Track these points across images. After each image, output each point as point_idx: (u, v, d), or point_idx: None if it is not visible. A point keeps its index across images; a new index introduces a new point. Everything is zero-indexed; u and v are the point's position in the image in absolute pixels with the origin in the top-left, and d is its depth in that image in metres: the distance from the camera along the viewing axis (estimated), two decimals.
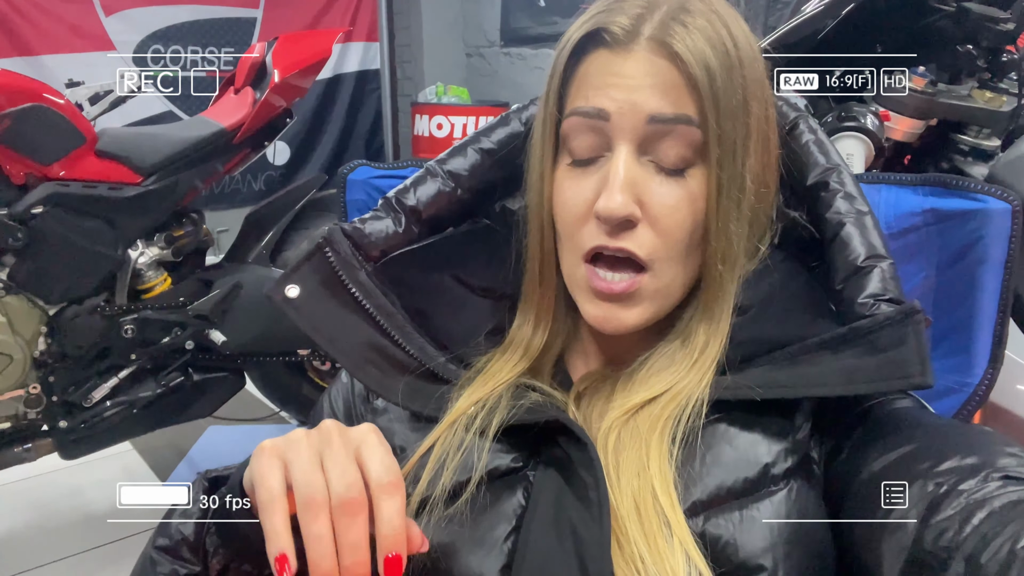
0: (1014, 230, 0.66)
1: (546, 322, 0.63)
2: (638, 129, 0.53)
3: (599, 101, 0.54)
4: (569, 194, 0.57)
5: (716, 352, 0.56)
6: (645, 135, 0.53)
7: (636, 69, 0.53)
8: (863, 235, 0.58)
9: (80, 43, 3.42)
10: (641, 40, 0.53)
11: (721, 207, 0.55)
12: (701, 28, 0.53)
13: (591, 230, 0.56)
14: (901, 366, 0.51)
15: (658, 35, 0.53)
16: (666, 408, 0.55)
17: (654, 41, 0.53)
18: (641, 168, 0.54)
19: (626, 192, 0.53)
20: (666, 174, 0.54)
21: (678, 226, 0.54)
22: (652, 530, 0.50)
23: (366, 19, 4.28)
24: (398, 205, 0.66)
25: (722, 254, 0.56)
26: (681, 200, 0.54)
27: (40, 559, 1.79)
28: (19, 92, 1.59)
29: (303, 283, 0.62)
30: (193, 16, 3.75)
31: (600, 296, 0.56)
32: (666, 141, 0.54)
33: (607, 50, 0.54)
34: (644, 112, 0.53)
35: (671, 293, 0.57)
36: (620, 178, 0.53)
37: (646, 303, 0.56)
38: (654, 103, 0.53)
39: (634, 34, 0.53)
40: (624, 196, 0.53)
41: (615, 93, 0.53)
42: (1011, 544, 0.38)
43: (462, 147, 0.68)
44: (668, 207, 0.54)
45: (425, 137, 3.76)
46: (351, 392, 0.69)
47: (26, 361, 1.64)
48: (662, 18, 0.53)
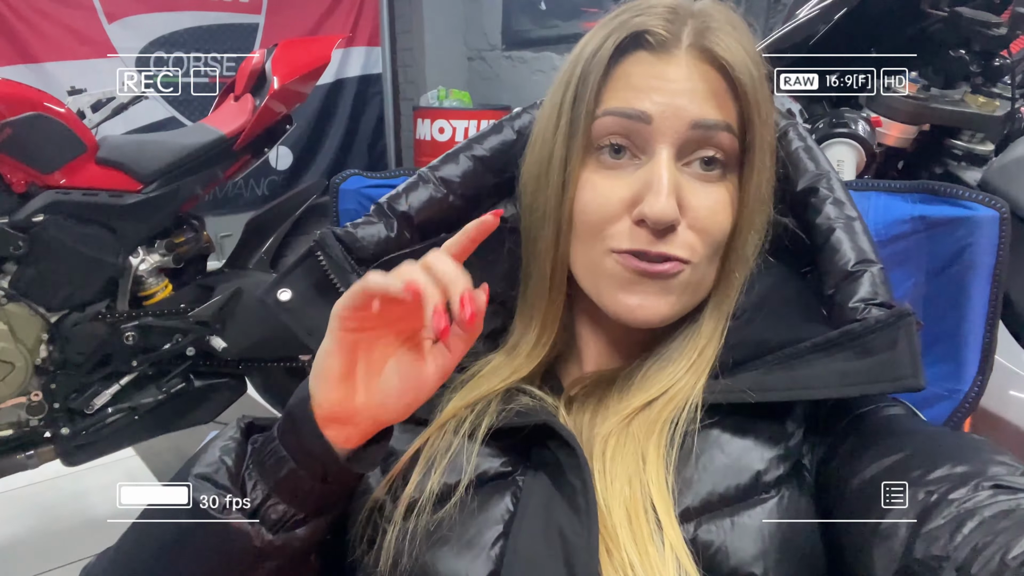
0: (1002, 237, 0.66)
1: (552, 329, 0.62)
2: (680, 134, 0.54)
3: (641, 103, 0.54)
4: (597, 192, 0.56)
5: (712, 354, 0.56)
6: (686, 140, 0.54)
7: (679, 73, 0.54)
8: (853, 240, 0.59)
9: (83, 50, 3.44)
10: (682, 46, 0.54)
11: (748, 214, 0.56)
12: (736, 37, 0.54)
13: (627, 232, 0.55)
14: (893, 368, 0.51)
15: (699, 41, 0.54)
16: (662, 412, 0.55)
17: (695, 47, 0.54)
18: (679, 173, 0.55)
19: (672, 196, 0.53)
20: (704, 178, 0.55)
21: (717, 227, 0.55)
22: (643, 537, 0.50)
23: (368, 24, 4.29)
24: (390, 211, 0.66)
25: (739, 258, 0.57)
26: (720, 203, 0.55)
27: (43, 565, 1.79)
28: (20, 101, 1.60)
29: (295, 286, 0.62)
30: (195, 22, 3.77)
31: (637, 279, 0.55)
32: (705, 147, 0.54)
33: (648, 53, 0.55)
34: (688, 117, 0.53)
35: (700, 290, 0.58)
36: (666, 182, 0.53)
37: (679, 293, 0.56)
38: (697, 109, 0.53)
39: (675, 39, 0.54)
40: (671, 200, 0.53)
41: (658, 97, 0.54)
42: (1002, 554, 0.39)
43: (454, 154, 0.68)
44: (708, 209, 0.55)
45: (427, 141, 3.77)
46: None
47: (28, 368, 1.65)
48: (696, 26, 0.54)
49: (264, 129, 1.88)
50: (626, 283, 0.56)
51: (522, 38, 4.08)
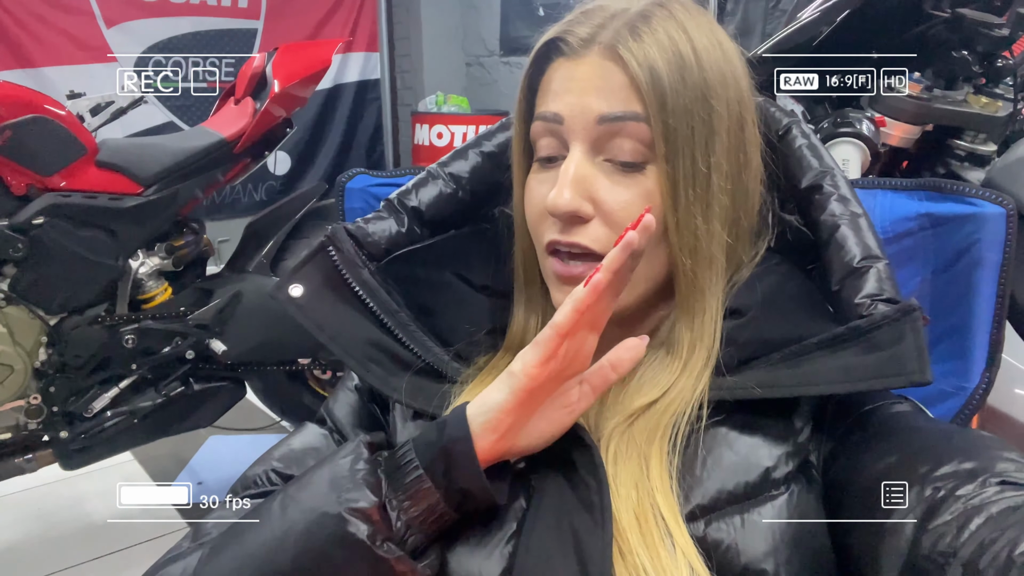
0: (1009, 234, 0.66)
1: (536, 318, 0.64)
2: (589, 130, 0.55)
3: (555, 106, 0.56)
4: (531, 193, 0.59)
5: (706, 355, 0.56)
6: (597, 135, 0.55)
7: (587, 73, 0.55)
8: (858, 236, 0.59)
9: (82, 55, 3.44)
10: (594, 47, 0.55)
11: (679, 203, 0.55)
12: (654, 33, 0.55)
13: (548, 224, 0.57)
14: (900, 363, 0.51)
15: (608, 41, 0.55)
16: (664, 415, 0.55)
17: (604, 47, 0.55)
18: (594, 167, 0.56)
19: (573, 188, 0.54)
20: (621, 172, 0.56)
21: (631, 220, 0.54)
22: (654, 541, 0.50)
23: (366, 29, 4.30)
24: (400, 206, 0.67)
25: (689, 250, 0.56)
26: (635, 196, 0.55)
27: (42, 569, 1.78)
28: (20, 104, 1.60)
29: (306, 282, 0.62)
30: (194, 28, 3.77)
31: (562, 280, 0.57)
32: (618, 139, 0.55)
33: (565, 58, 0.57)
34: (594, 113, 0.55)
35: (634, 284, 0.57)
36: (569, 176, 0.55)
37: None
38: (603, 104, 0.55)
39: (589, 42, 0.56)
40: (571, 192, 0.54)
41: (568, 97, 0.56)
42: (1009, 550, 0.39)
43: (464, 151, 0.69)
44: (621, 202, 0.55)
45: (425, 146, 3.77)
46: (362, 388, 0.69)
47: (27, 371, 1.64)
48: (618, 27, 0.55)
49: (264, 133, 1.89)
50: (557, 284, 0.58)
51: (520, 44, 4.09)
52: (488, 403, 0.50)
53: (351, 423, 0.67)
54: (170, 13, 3.69)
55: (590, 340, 0.50)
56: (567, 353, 0.50)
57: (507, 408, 0.50)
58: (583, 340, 0.50)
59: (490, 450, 0.50)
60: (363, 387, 0.69)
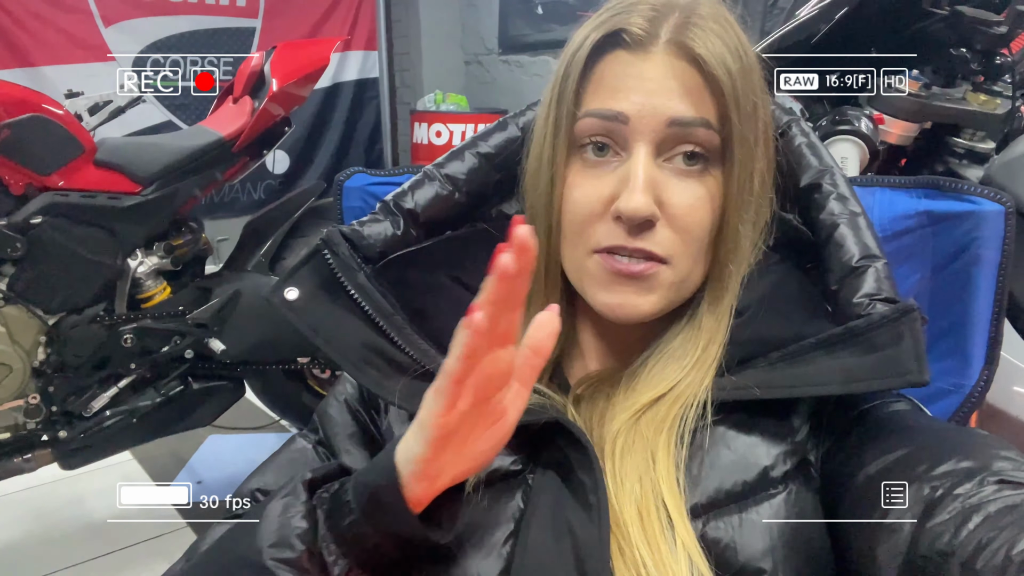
0: (1007, 232, 0.66)
1: None
2: (658, 131, 0.54)
3: (617, 104, 0.54)
4: (581, 192, 0.57)
5: (717, 350, 0.56)
6: (664, 137, 0.54)
7: (656, 71, 0.54)
8: (857, 235, 0.58)
9: (80, 54, 3.43)
10: (659, 43, 0.54)
11: (734, 208, 0.55)
12: (716, 32, 0.54)
13: (606, 229, 0.55)
14: (898, 364, 0.51)
15: (677, 37, 0.53)
16: (671, 409, 0.55)
17: (673, 43, 0.53)
18: (659, 169, 0.54)
19: (647, 192, 0.53)
20: (685, 174, 0.55)
21: (697, 224, 0.55)
22: (655, 536, 0.50)
23: (364, 28, 4.30)
24: (396, 208, 0.66)
25: (732, 253, 0.56)
26: (700, 199, 0.55)
27: (41, 569, 1.78)
28: (18, 102, 1.59)
29: (302, 285, 0.62)
30: (192, 27, 3.77)
31: (616, 280, 0.56)
32: (684, 143, 0.54)
33: (626, 51, 0.55)
34: (664, 115, 0.53)
35: (685, 287, 0.57)
36: (641, 178, 0.53)
37: (661, 291, 0.56)
38: (674, 106, 0.53)
39: (653, 36, 0.54)
40: (646, 196, 0.53)
41: (635, 96, 0.54)
42: (1006, 549, 0.38)
43: (460, 151, 0.68)
44: (687, 206, 0.54)
45: (424, 145, 3.77)
46: (358, 388, 0.69)
47: (25, 371, 1.64)
48: (678, 21, 0.54)
49: (263, 131, 1.88)
50: (606, 283, 0.56)
51: (519, 42, 4.08)
52: (409, 455, 0.47)
53: (339, 434, 0.68)
54: (168, 12, 3.68)
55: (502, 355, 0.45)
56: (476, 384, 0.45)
57: (428, 458, 0.47)
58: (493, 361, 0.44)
59: (425, 494, 0.48)
60: (352, 397, 0.69)
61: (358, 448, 0.66)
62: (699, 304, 0.58)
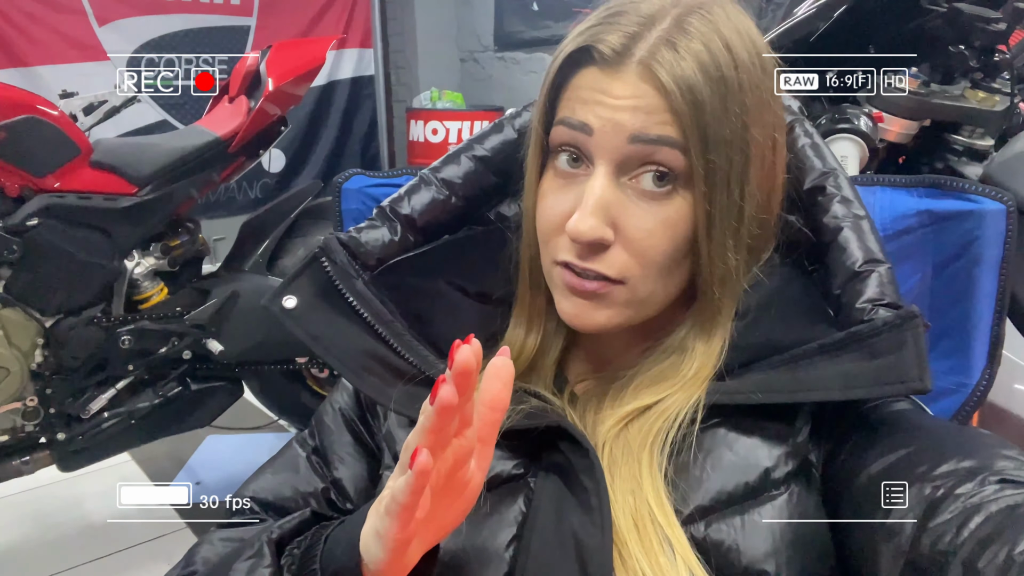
0: (1009, 231, 0.66)
1: (539, 325, 0.63)
2: (619, 149, 0.52)
3: (584, 115, 0.53)
4: (548, 203, 0.57)
5: (709, 371, 0.56)
6: (626, 155, 0.52)
7: (623, 90, 0.52)
8: (860, 239, 0.58)
9: (74, 54, 3.41)
10: (631, 63, 0.52)
11: (715, 236, 0.54)
12: (696, 52, 0.51)
13: (564, 243, 0.55)
14: (899, 371, 0.51)
15: (646, 59, 0.51)
16: (657, 421, 0.55)
17: (642, 65, 0.52)
18: (619, 190, 0.53)
19: (598, 215, 0.52)
20: (647, 197, 0.53)
21: (654, 248, 0.53)
22: (652, 547, 0.50)
23: (360, 25, 4.28)
24: (393, 214, 0.66)
25: (719, 279, 0.55)
26: (658, 224, 0.53)
27: (40, 571, 1.78)
28: (12, 104, 1.59)
29: (300, 293, 0.62)
30: (186, 25, 3.75)
31: (572, 292, 0.56)
32: (649, 162, 0.53)
33: (597, 68, 0.53)
34: (626, 131, 0.52)
35: (648, 303, 0.57)
36: (593, 200, 0.52)
37: (618, 308, 0.56)
38: (637, 123, 0.51)
39: (624, 55, 0.52)
40: (595, 219, 0.52)
41: (600, 111, 0.52)
42: (1008, 549, 0.38)
43: (456, 155, 0.68)
44: (643, 231, 0.53)
45: (420, 143, 3.76)
46: (354, 398, 0.69)
47: (23, 373, 1.64)
48: (655, 40, 0.52)
49: (259, 131, 1.88)
50: (564, 292, 0.57)
51: (514, 39, 4.07)
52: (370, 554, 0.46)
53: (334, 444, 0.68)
54: (162, 11, 3.67)
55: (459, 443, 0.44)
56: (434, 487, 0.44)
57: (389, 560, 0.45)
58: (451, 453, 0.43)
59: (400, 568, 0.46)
60: (347, 407, 0.69)
61: (352, 458, 0.67)
62: (689, 328, 0.58)
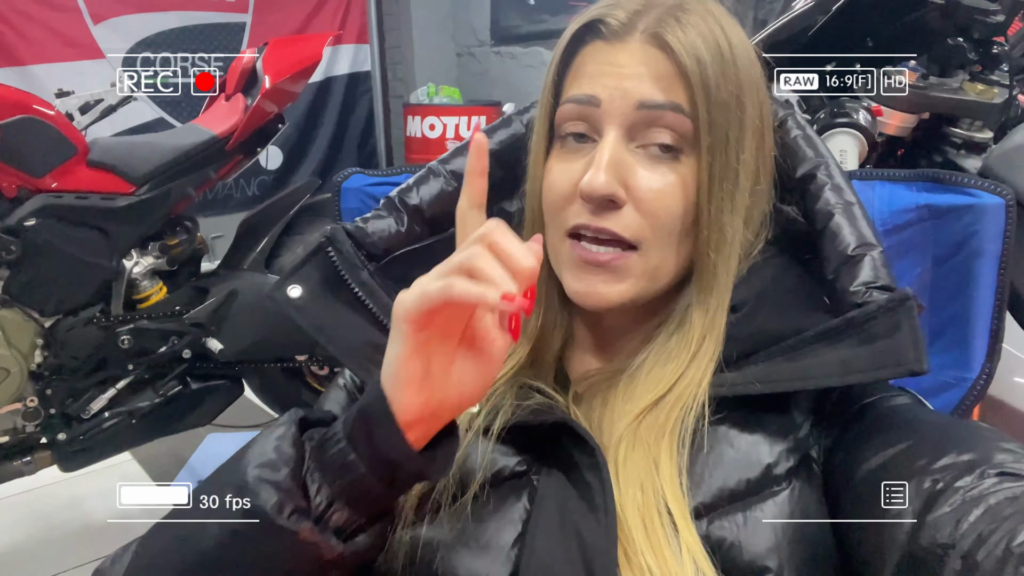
0: (1008, 224, 0.66)
1: (539, 310, 0.63)
2: (628, 115, 0.54)
3: (592, 88, 0.55)
4: (556, 175, 0.58)
5: (714, 346, 0.56)
6: (635, 121, 0.54)
7: (629, 59, 0.55)
8: (852, 224, 0.59)
9: (69, 52, 3.40)
10: (636, 32, 0.55)
11: (714, 196, 0.55)
12: (695, 24, 0.54)
13: (576, 209, 0.56)
14: (896, 353, 0.51)
15: (652, 27, 0.54)
16: (671, 412, 0.55)
17: (647, 33, 0.54)
18: (629, 153, 0.55)
19: (610, 172, 0.53)
20: (655, 160, 0.55)
21: (665, 210, 0.55)
22: (659, 543, 0.50)
23: (356, 21, 4.27)
24: (400, 204, 0.66)
25: (715, 243, 0.56)
26: (669, 184, 0.54)
27: (42, 571, 1.78)
28: (9, 104, 1.58)
29: (305, 283, 0.61)
30: (182, 22, 3.74)
31: (584, 267, 0.56)
32: (656, 128, 0.54)
33: (603, 41, 0.56)
34: (634, 98, 0.54)
35: (658, 276, 0.57)
36: (605, 158, 0.53)
37: (631, 280, 0.56)
38: (644, 90, 0.54)
39: (630, 27, 0.55)
40: (607, 176, 0.53)
41: (607, 81, 0.55)
42: (1007, 541, 0.39)
43: (465, 147, 0.68)
44: (655, 191, 0.54)
45: (418, 138, 3.75)
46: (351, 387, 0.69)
47: (23, 374, 1.64)
48: (658, 14, 0.55)
49: (256, 129, 1.87)
50: (575, 269, 0.57)
51: (511, 33, 4.06)
52: (390, 359, 0.46)
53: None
54: (157, 8, 3.65)
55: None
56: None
57: (405, 354, 0.45)
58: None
59: (415, 408, 0.46)
60: (352, 386, 0.69)
61: None
62: (688, 300, 0.58)
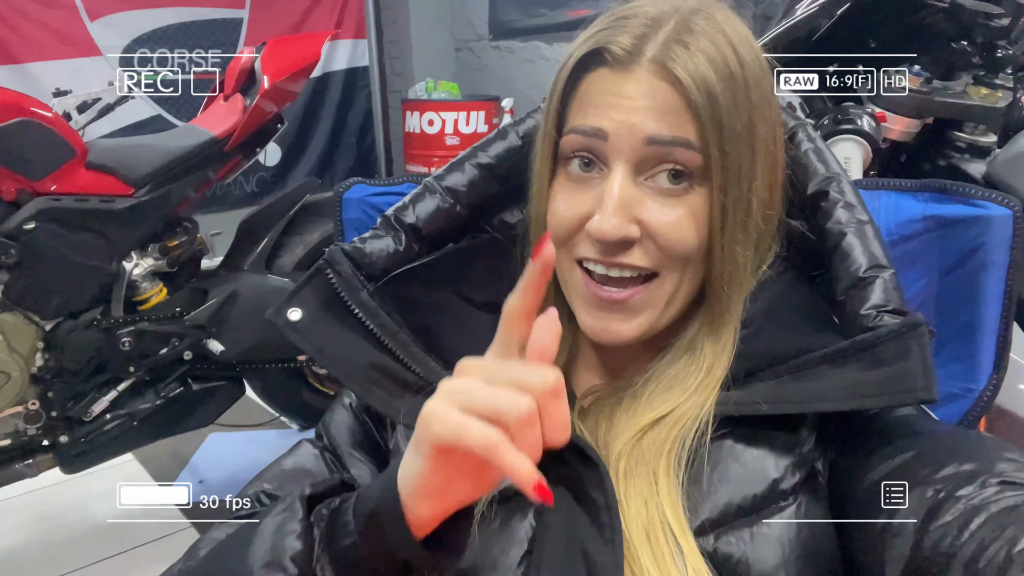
0: (1016, 236, 0.66)
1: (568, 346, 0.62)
2: (635, 150, 0.53)
3: (598, 120, 0.54)
4: (562, 205, 0.56)
5: (722, 372, 0.56)
6: (643, 157, 0.53)
7: (636, 90, 0.53)
8: (864, 245, 0.58)
9: (66, 49, 3.38)
10: (643, 61, 0.53)
11: (727, 230, 0.54)
12: (704, 49, 0.52)
13: (585, 244, 0.55)
14: (905, 380, 0.51)
15: (659, 57, 0.52)
16: (672, 431, 0.54)
17: (655, 63, 0.52)
18: (638, 188, 0.54)
19: (620, 214, 0.52)
20: (666, 193, 0.54)
21: (680, 241, 0.54)
22: (664, 560, 0.50)
23: (353, 16, 4.25)
24: (397, 223, 0.66)
25: (728, 275, 0.55)
26: (681, 216, 0.54)
27: (45, 573, 1.78)
28: (6, 107, 1.58)
29: (305, 305, 0.61)
30: (179, 18, 3.71)
31: (600, 305, 0.56)
32: (664, 162, 0.53)
33: (608, 69, 0.54)
34: (642, 133, 0.52)
35: (672, 304, 0.57)
36: (614, 200, 0.52)
37: (647, 313, 0.56)
38: (652, 125, 0.52)
39: (636, 55, 0.53)
40: (618, 218, 0.52)
41: (614, 113, 0.53)
42: (1008, 548, 0.39)
43: (460, 162, 0.68)
44: (668, 224, 0.53)
45: (416, 134, 3.74)
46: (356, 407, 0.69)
47: (24, 378, 1.64)
48: (665, 39, 0.53)
49: (255, 129, 1.87)
50: (590, 305, 0.56)
51: (509, 27, 4.04)
52: (409, 472, 0.45)
53: (346, 442, 0.67)
54: (154, 4, 3.63)
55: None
56: None
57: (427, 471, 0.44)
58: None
59: (430, 515, 0.46)
60: (357, 405, 0.69)
61: (365, 455, 0.66)
62: (698, 328, 0.58)
